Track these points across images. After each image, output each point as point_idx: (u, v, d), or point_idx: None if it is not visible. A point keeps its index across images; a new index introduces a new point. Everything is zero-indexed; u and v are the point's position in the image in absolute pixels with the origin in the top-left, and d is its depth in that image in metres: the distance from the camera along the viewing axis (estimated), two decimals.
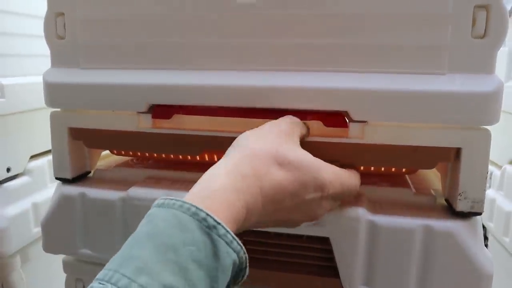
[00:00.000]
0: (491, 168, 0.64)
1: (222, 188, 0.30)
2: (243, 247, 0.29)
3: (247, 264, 0.30)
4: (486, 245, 0.63)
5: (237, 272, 0.30)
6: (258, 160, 0.33)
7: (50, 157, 0.65)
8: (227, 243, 0.28)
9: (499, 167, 0.60)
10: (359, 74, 0.38)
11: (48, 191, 0.64)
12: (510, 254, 0.56)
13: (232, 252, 0.28)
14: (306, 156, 0.35)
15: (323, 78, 0.39)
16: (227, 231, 0.28)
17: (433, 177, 0.50)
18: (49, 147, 0.64)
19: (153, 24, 0.42)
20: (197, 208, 0.28)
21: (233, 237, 0.28)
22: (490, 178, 0.62)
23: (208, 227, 0.28)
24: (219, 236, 0.28)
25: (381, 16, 0.37)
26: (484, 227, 0.64)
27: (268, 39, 0.40)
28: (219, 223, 0.28)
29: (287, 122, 0.38)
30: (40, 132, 0.61)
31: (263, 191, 0.32)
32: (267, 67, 0.40)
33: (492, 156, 0.59)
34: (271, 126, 0.37)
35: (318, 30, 0.38)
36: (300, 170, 0.34)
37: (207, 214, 0.28)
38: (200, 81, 0.41)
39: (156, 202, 0.30)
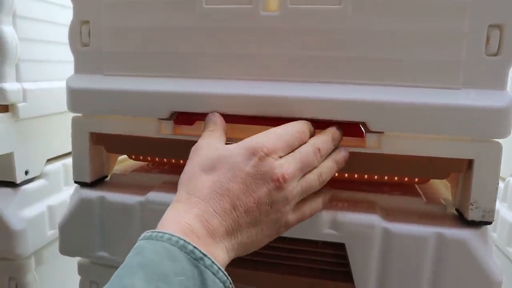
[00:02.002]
0: None
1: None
2: (229, 278, 0.31)
3: None
4: None
5: None
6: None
7: (64, 160, 0.67)
8: (213, 273, 0.30)
9: (503, 179, 0.62)
10: (378, 86, 0.40)
11: (62, 194, 0.64)
12: None
13: (219, 281, 0.30)
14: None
15: (343, 90, 0.40)
16: (213, 262, 0.30)
17: (441, 187, 0.52)
18: (64, 151, 0.66)
19: (177, 34, 0.44)
20: (185, 241, 0.30)
21: (219, 267, 0.31)
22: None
23: (196, 259, 0.30)
24: (206, 267, 0.30)
25: (400, 32, 0.39)
26: None
27: (290, 51, 0.41)
28: (205, 255, 0.30)
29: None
30: (56, 136, 0.62)
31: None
32: (289, 78, 0.42)
33: None
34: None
35: (339, 44, 0.40)
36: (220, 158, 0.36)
37: (194, 247, 0.30)
38: (223, 90, 0.42)
39: (142, 235, 0.32)
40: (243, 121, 0.43)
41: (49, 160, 0.63)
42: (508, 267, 0.60)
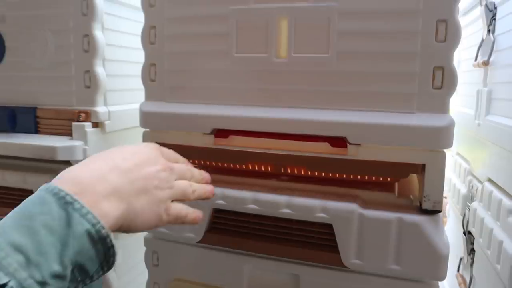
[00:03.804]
0: (476, 183, 0.78)
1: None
2: (101, 222, 0.33)
3: (113, 244, 0.34)
4: (472, 253, 0.77)
5: (105, 251, 0.34)
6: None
7: None
8: (81, 215, 0.32)
9: (481, 182, 0.74)
10: (355, 111, 0.56)
11: None
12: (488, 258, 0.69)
13: (86, 222, 0.32)
14: None
15: (330, 114, 0.56)
16: (83, 205, 0.33)
17: (417, 186, 0.66)
18: None
19: (216, 74, 0.62)
20: (59, 189, 0.33)
21: (88, 211, 0.33)
22: (476, 191, 0.76)
23: (66, 203, 0.32)
24: (74, 209, 0.32)
25: (370, 73, 0.55)
26: (472, 236, 0.78)
27: (294, 86, 0.58)
28: (76, 200, 0.33)
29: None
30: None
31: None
32: (293, 105, 0.58)
33: (477, 173, 0.75)
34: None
35: (327, 81, 0.57)
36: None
37: (67, 193, 0.33)
38: (248, 114, 0.60)
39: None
40: (261, 135, 0.60)
41: None
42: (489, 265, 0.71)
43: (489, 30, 0.71)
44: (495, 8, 0.70)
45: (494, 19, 0.70)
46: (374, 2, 0.54)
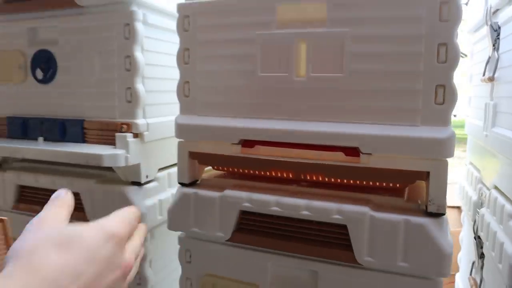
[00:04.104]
0: (485, 190, 0.83)
1: None
2: None
3: None
4: (482, 257, 0.82)
5: None
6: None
7: (168, 170, 0.96)
8: None
9: (488, 189, 0.80)
10: (366, 124, 0.63)
11: (166, 192, 0.93)
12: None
13: None
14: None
15: (345, 126, 0.63)
16: None
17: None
18: (167, 164, 0.95)
19: (243, 91, 0.70)
20: None
21: None
22: (484, 198, 0.82)
23: None
24: None
25: (380, 91, 0.62)
26: (481, 241, 0.83)
27: (312, 102, 0.66)
28: None
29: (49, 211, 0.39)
30: (164, 154, 0.92)
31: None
32: (310, 119, 0.66)
33: (485, 181, 0.80)
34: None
35: (342, 97, 0.64)
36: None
37: None
38: (271, 126, 0.67)
39: None
40: (283, 145, 0.67)
41: (159, 169, 0.92)
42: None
43: (494, 48, 0.77)
44: (499, 28, 0.76)
45: (498, 38, 0.76)
46: (382, 28, 0.61)
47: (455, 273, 1.12)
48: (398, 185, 0.68)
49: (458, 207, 1.59)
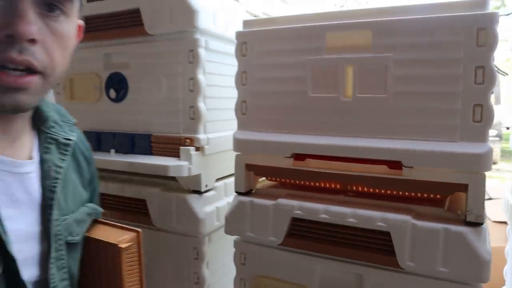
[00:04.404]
0: None
1: None
2: None
3: None
4: None
5: None
6: None
7: (224, 180, 1.05)
8: None
9: None
10: (409, 140, 0.69)
11: (222, 201, 1.02)
12: None
13: None
14: None
15: (388, 142, 0.70)
16: None
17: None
18: (224, 174, 1.04)
19: (295, 110, 0.78)
20: None
21: None
22: None
23: None
24: None
25: (423, 110, 0.68)
26: None
27: (358, 120, 0.72)
28: None
29: None
30: (221, 164, 1.01)
31: None
32: (357, 135, 0.73)
33: None
34: None
35: (386, 116, 0.70)
36: None
37: None
38: (321, 141, 0.75)
39: None
40: (332, 159, 0.74)
41: (217, 180, 1.02)
42: None
43: None
44: None
45: None
46: (423, 53, 0.67)
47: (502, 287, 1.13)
48: (438, 196, 0.73)
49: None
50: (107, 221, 0.72)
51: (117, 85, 1.03)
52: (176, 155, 0.92)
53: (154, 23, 0.94)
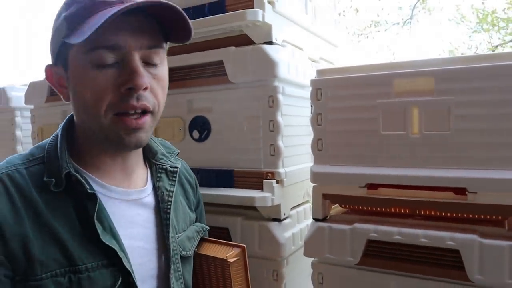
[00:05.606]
0: None
1: None
2: None
3: None
4: None
5: None
6: None
7: (297, 208, 1.17)
8: None
9: None
10: (472, 170, 0.80)
11: (297, 227, 1.14)
12: None
13: None
14: None
15: (453, 172, 0.82)
16: None
17: None
18: (296, 203, 1.17)
19: (368, 148, 0.91)
20: None
21: None
22: None
23: None
24: None
25: (482, 143, 0.80)
26: None
27: (425, 154, 0.85)
28: None
29: None
30: (295, 195, 1.14)
31: None
32: (426, 166, 0.85)
33: None
34: None
35: (450, 149, 0.82)
36: None
37: None
38: (392, 173, 0.87)
39: None
40: (402, 187, 0.86)
41: (291, 208, 1.15)
42: None
43: None
44: None
45: None
46: (481, 95, 0.80)
47: None
48: (500, 217, 0.84)
49: None
50: (213, 239, 0.85)
51: (200, 127, 1.19)
52: (257, 187, 1.06)
53: (237, 72, 1.09)
